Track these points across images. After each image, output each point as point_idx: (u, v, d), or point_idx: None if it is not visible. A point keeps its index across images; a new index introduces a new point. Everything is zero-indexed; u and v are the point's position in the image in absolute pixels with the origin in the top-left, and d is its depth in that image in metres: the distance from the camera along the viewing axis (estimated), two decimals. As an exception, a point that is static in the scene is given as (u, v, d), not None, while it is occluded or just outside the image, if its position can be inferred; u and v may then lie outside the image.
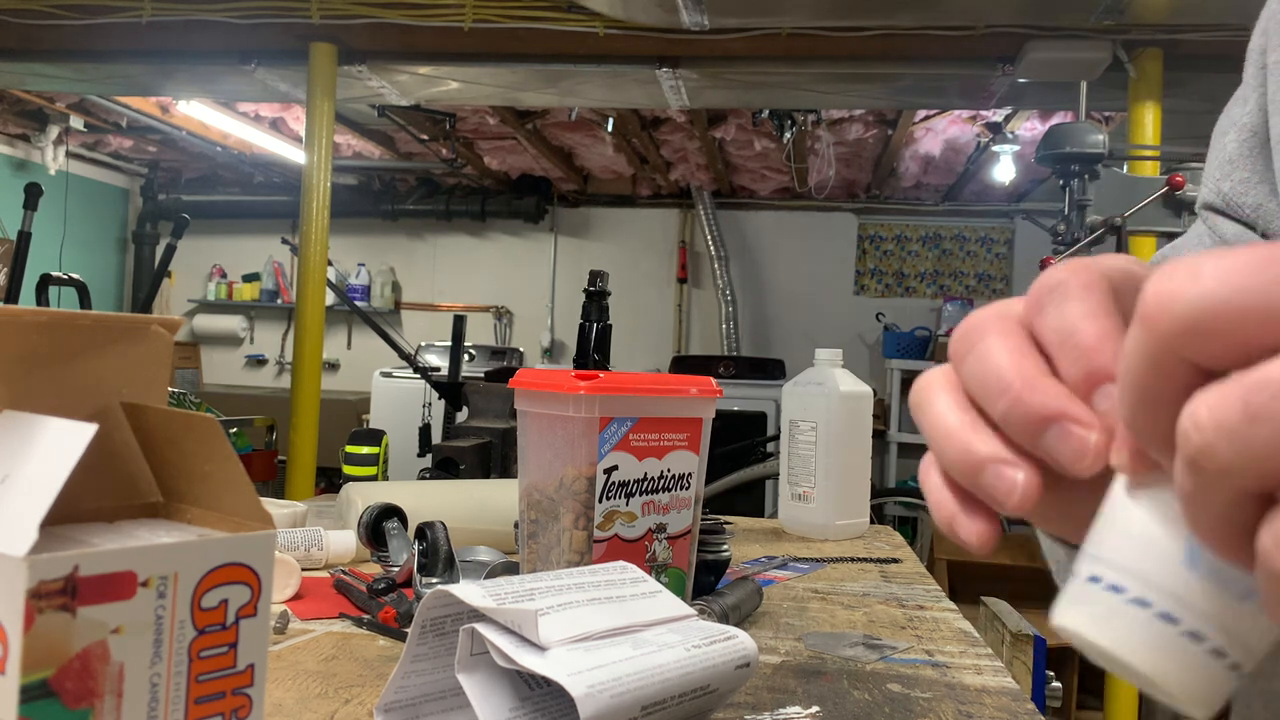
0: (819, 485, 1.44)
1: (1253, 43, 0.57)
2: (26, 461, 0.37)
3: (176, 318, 0.47)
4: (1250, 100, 0.57)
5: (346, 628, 0.88)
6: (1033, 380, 0.30)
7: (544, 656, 0.53)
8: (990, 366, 0.31)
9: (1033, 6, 3.28)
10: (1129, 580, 0.28)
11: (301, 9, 3.66)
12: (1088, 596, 0.29)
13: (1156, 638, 0.27)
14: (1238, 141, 0.57)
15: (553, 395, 0.81)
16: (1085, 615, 0.29)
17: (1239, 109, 0.58)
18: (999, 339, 0.31)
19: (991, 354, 0.31)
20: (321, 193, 3.86)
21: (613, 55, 3.73)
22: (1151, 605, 0.27)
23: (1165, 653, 0.27)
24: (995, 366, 0.31)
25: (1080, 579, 0.29)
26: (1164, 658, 0.27)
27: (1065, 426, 0.29)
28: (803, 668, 0.81)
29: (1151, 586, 0.27)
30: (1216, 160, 0.59)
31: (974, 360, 0.32)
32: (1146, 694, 0.29)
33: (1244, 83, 0.58)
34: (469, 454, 1.60)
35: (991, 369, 0.31)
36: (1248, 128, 0.56)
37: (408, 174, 6.60)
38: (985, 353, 0.31)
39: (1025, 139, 4.89)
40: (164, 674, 0.39)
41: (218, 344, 7.23)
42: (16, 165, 6.15)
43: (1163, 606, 0.27)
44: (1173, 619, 0.27)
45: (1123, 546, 0.28)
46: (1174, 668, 0.27)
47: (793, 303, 6.72)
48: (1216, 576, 0.27)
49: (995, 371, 0.31)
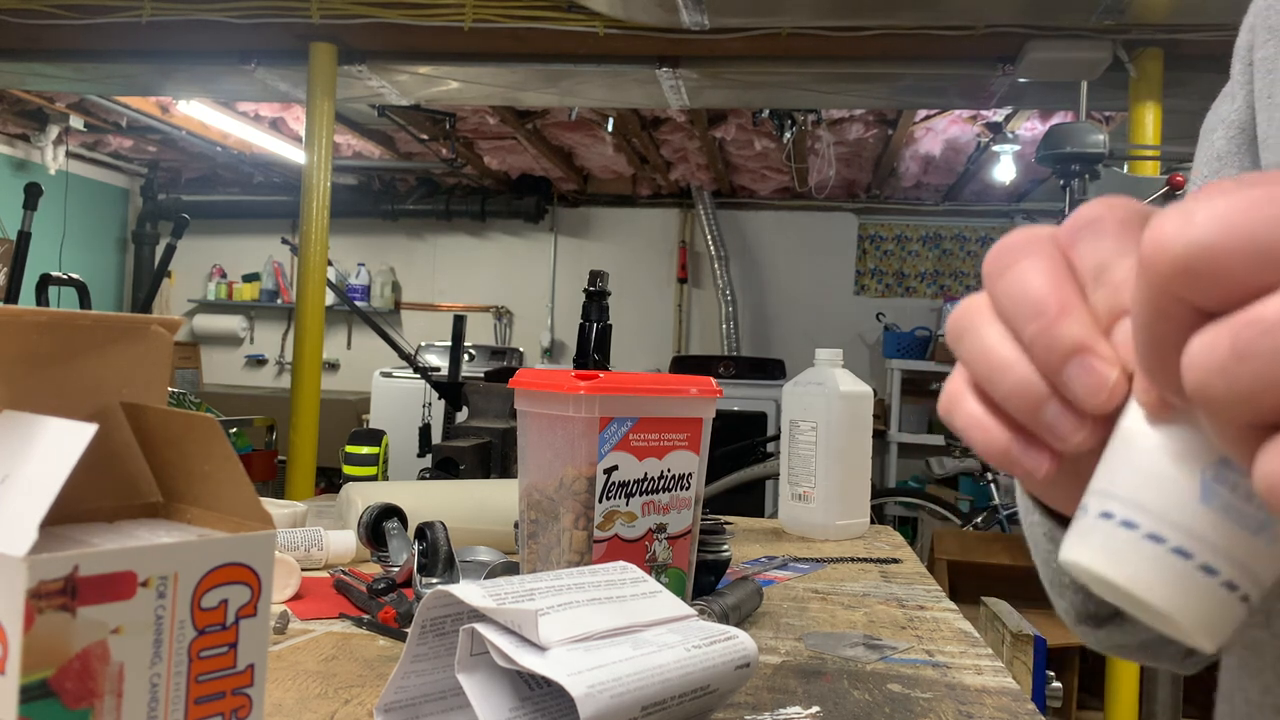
0: (819, 485, 1.44)
1: (1240, 39, 0.57)
2: (26, 461, 0.37)
3: (176, 318, 0.47)
4: (1238, 97, 0.57)
5: (346, 628, 0.88)
6: (1068, 308, 0.30)
7: (544, 656, 0.53)
8: (1026, 289, 0.31)
9: (1033, 6, 3.28)
10: (1142, 516, 0.28)
11: (301, 9, 3.66)
12: (1099, 532, 0.29)
13: (1170, 572, 0.27)
14: (1226, 138, 0.57)
15: (553, 395, 0.81)
16: (1097, 550, 0.29)
17: (1227, 106, 0.58)
18: (1037, 261, 0.31)
19: (1028, 276, 0.31)
20: (321, 193, 3.86)
21: (613, 55, 3.73)
22: (1165, 540, 0.27)
23: (1178, 587, 0.27)
24: (1032, 289, 0.30)
25: (1090, 515, 0.29)
26: (1177, 592, 0.27)
27: (1088, 360, 0.29)
28: (803, 668, 0.81)
29: (1165, 522, 0.27)
30: (1205, 157, 0.59)
31: (1011, 280, 0.31)
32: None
33: (1231, 79, 0.58)
34: (469, 454, 1.60)
35: (1028, 291, 0.31)
36: (1235, 124, 0.57)
37: (408, 174, 6.60)
38: (1022, 274, 0.31)
39: (1025, 139, 4.89)
40: (164, 674, 0.39)
41: (218, 344, 7.23)
42: (16, 165, 6.15)
43: (1176, 541, 0.27)
44: (1186, 554, 0.27)
45: (1135, 483, 0.28)
46: (1187, 601, 0.27)
47: (793, 303, 6.72)
48: (1230, 511, 0.27)
49: (1031, 294, 0.30)
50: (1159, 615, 0.28)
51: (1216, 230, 0.24)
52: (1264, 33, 0.54)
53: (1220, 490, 0.27)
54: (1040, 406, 0.31)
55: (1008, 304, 0.31)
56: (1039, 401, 0.31)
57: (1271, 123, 0.52)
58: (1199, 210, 0.24)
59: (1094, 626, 0.53)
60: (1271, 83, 0.53)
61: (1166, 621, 0.28)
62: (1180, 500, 0.27)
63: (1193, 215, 0.24)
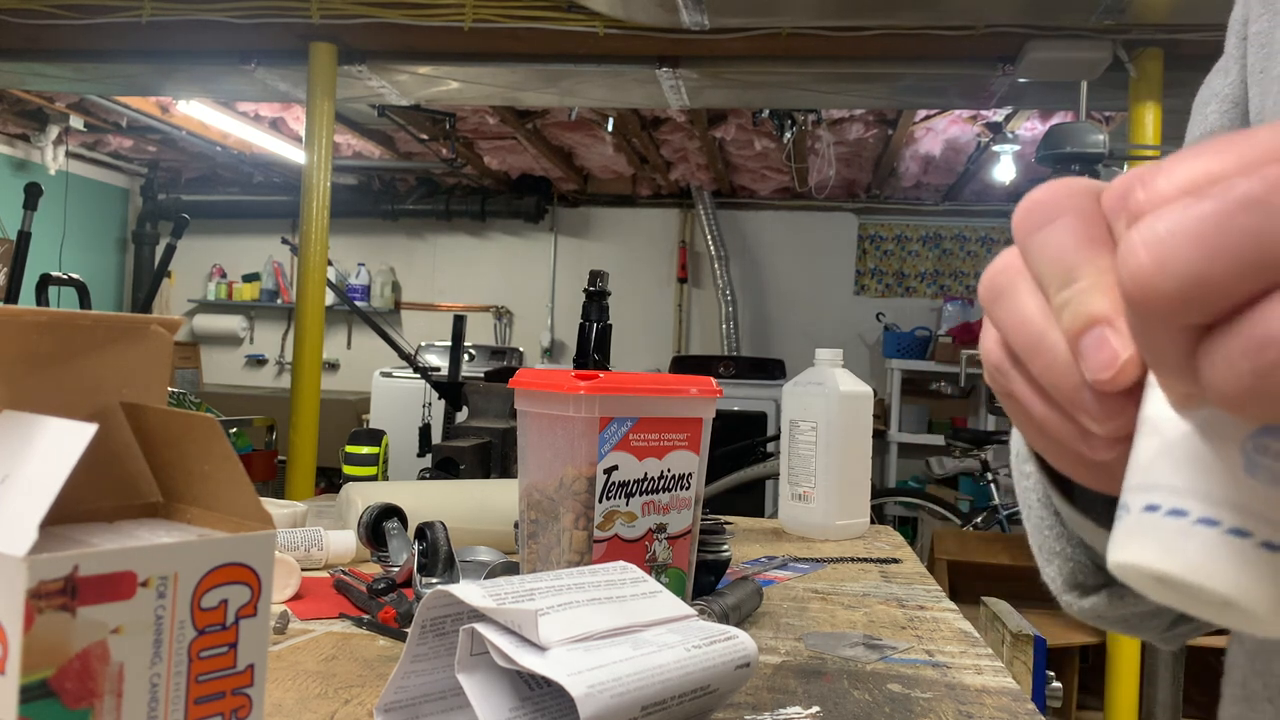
0: (819, 485, 1.44)
1: (1235, 13, 0.57)
2: (26, 461, 0.37)
3: (176, 318, 0.47)
4: (1232, 72, 0.56)
5: (346, 628, 0.88)
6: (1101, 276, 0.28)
7: (544, 656, 0.53)
8: (1061, 251, 0.29)
9: (1033, 6, 3.28)
10: (1190, 501, 0.26)
11: (301, 9, 3.66)
12: (1148, 527, 0.27)
13: (1231, 555, 0.26)
14: (1219, 113, 0.57)
15: (553, 395, 0.81)
16: (1150, 546, 0.27)
17: (1220, 80, 0.57)
18: (1075, 223, 0.29)
19: (1064, 238, 0.29)
20: (321, 192, 3.86)
21: (613, 55, 3.73)
22: (1220, 523, 0.26)
23: (1243, 569, 0.26)
24: (1066, 252, 0.29)
25: (1133, 512, 0.28)
26: (1242, 574, 0.26)
27: (1104, 334, 0.28)
28: (803, 668, 0.81)
29: (1216, 503, 0.26)
30: (1198, 130, 0.58)
31: (1047, 238, 0.30)
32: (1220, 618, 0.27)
33: (1226, 53, 0.58)
34: (469, 454, 1.60)
35: (1063, 254, 0.29)
36: (1229, 99, 0.56)
37: (408, 174, 6.60)
38: (1059, 233, 0.29)
39: (1025, 139, 4.89)
40: (164, 674, 0.39)
41: (218, 344, 7.23)
42: (16, 165, 6.15)
43: (1232, 522, 0.26)
44: (1244, 532, 0.26)
45: (1174, 469, 0.27)
46: (1254, 583, 0.26)
47: (793, 303, 6.72)
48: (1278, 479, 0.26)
49: (1065, 259, 0.29)
50: (1226, 602, 0.26)
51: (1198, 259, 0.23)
52: (1259, 6, 0.54)
53: (1264, 461, 0.25)
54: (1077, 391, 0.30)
55: (1041, 263, 0.30)
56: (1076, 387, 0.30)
57: (1266, 96, 0.52)
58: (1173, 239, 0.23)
59: (1080, 595, 0.52)
60: (1266, 57, 0.52)
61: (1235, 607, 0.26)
62: (1225, 478, 0.26)
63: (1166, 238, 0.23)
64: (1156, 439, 0.28)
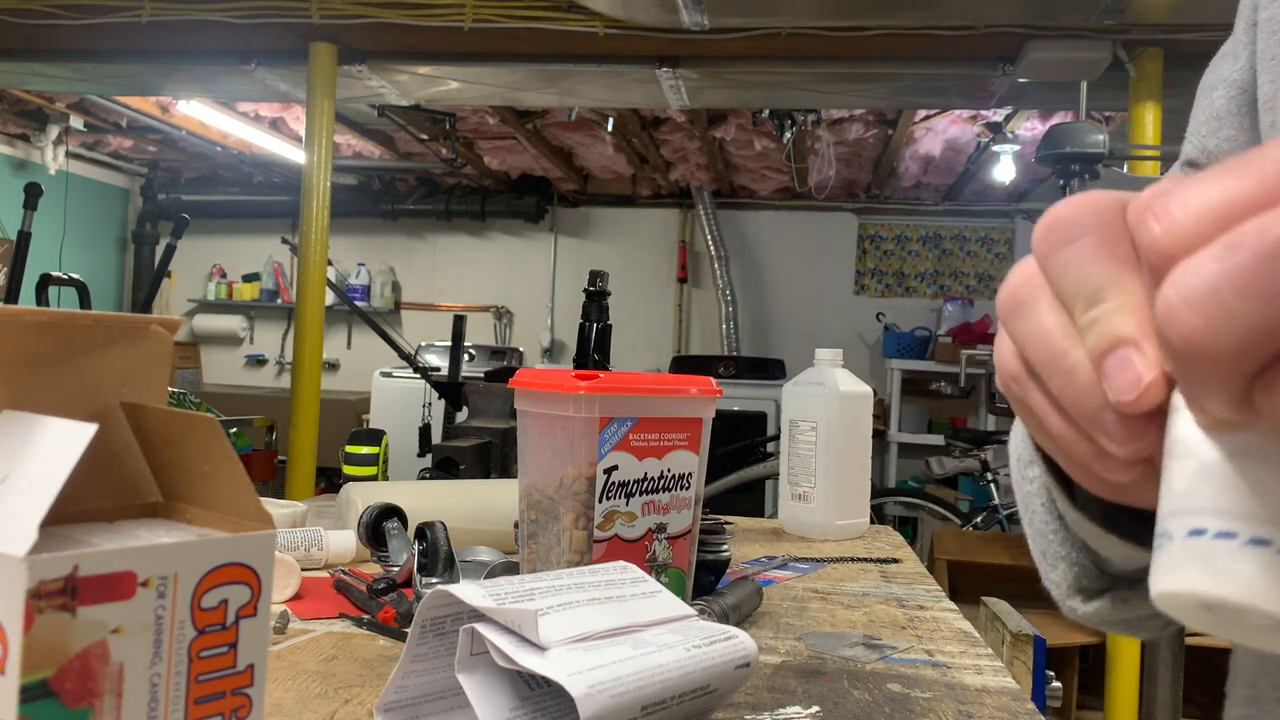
0: (819, 485, 1.44)
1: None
2: (26, 461, 0.37)
3: (176, 318, 0.47)
4: (1241, 57, 0.56)
5: (346, 628, 0.88)
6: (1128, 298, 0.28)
7: (544, 656, 0.53)
8: (1087, 270, 0.28)
9: (1033, 6, 3.28)
10: (1236, 523, 0.25)
11: (301, 9, 3.66)
12: (1195, 552, 0.26)
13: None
14: (1226, 98, 0.56)
15: (553, 395, 0.81)
16: (1197, 573, 0.26)
17: (1229, 65, 0.57)
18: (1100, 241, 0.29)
19: (1089, 257, 0.29)
20: (321, 193, 3.86)
21: (613, 55, 3.73)
22: (1272, 542, 0.25)
23: None
24: (1092, 272, 0.28)
25: (1177, 540, 0.27)
26: None
27: (1129, 355, 0.27)
28: (803, 668, 0.81)
29: (1264, 522, 0.25)
30: (1204, 115, 0.58)
31: (1072, 256, 0.29)
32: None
33: (1233, 38, 0.57)
34: (469, 454, 1.60)
35: (1088, 273, 0.28)
36: (1237, 84, 0.55)
37: (408, 174, 6.60)
38: (1083, 252, 0.29)
39: (1025, 139, 4.89)
40: (164, 674, 0.39)
41: (218, 344, 7.23)
42: (16, 165, 6.15)
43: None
44: None
45: (1219, 492, 0.26)
46: None
47: (793, 303, 6.72)
48: None
49: (1091, 278, 0.28)
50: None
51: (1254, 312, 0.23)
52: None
53: None
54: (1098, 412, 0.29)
55: (1064, 284, 0.29)
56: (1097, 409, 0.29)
57: (1276, 82, 0.51)
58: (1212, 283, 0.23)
59: (1084, 600, 0.52)
60: (1277, 44, 0.52)
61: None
62: (1272, 494, 0.25)
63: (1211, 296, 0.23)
64: (1192, 461, 0.27)
